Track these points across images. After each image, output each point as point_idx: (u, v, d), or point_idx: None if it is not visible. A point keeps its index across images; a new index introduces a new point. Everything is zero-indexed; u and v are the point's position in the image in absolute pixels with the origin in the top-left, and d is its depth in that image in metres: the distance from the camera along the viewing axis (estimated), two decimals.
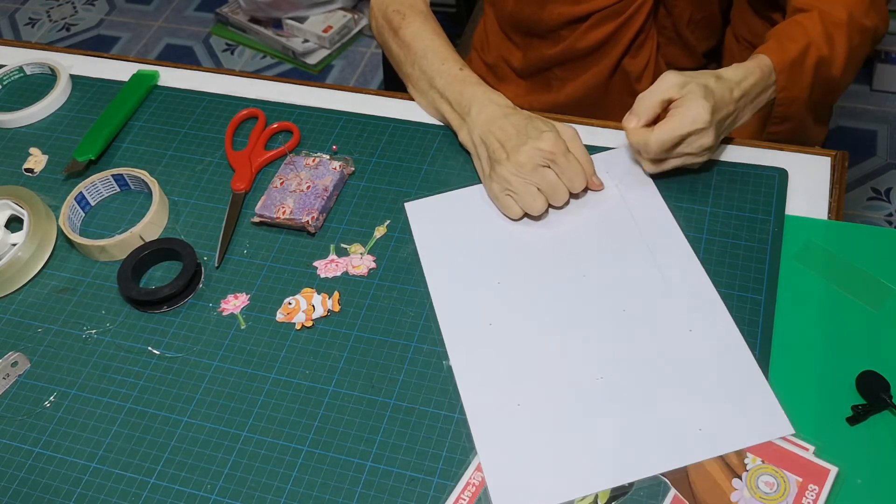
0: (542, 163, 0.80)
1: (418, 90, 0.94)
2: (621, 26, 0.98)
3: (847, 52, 0.86)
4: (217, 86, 1.03)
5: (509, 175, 0.81)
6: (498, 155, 0.82)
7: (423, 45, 0.92)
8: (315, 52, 2.26)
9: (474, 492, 0.67)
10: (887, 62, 1.95)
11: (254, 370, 0.76)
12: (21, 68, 1.08)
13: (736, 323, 0.74)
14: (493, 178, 0.83)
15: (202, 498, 0.69)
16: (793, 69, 0.84)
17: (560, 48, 1.02)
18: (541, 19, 1.00)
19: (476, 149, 0.86)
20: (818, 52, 0.84)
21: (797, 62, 0.84)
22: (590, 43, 1.00)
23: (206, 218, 0.89)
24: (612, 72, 1.03)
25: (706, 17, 1.02)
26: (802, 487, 0.64)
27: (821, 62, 0.85)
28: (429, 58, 0.91)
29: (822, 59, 0.85)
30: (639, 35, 1.00)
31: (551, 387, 0.72)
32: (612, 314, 0.76)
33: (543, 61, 1.05)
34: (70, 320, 0.82)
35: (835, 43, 0.85)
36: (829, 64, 0.86)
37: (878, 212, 1.77)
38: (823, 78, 0.87)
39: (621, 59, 1.02)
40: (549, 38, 1.03)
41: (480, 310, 0.77)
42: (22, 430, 0.75)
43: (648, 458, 0.67)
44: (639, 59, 1.02)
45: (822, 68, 0.86)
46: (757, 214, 0.81)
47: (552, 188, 0.81)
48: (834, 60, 0.86)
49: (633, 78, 1.04)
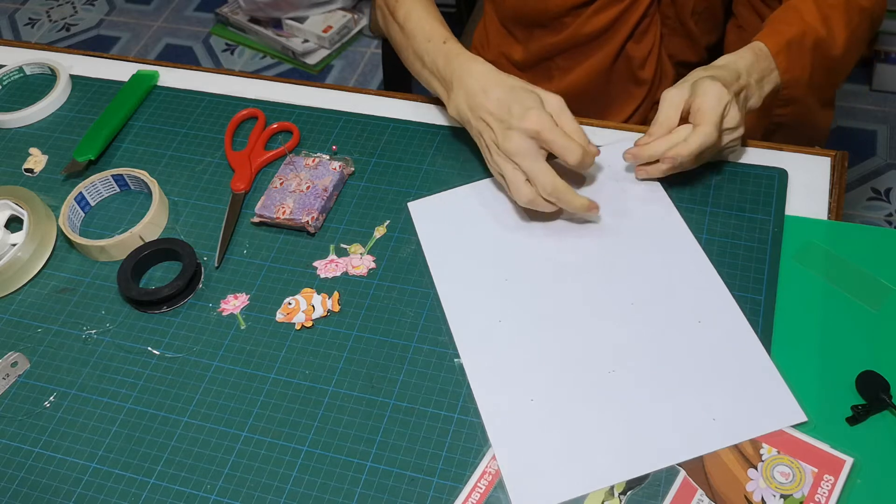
0: (533, 147, 0.78)
1: (415, 72, 0.94)
2: (625, 10, 0.99)
3: (847, 32, 0.87)
4: (217, 86, 1.03)
5: (502, 162, 0.80)
6: (487, 138, 0.81)
7: (412, 26, 0.92)
8: (315, 52, 2.26)
9: (486, 486, 0.67)
10: (887, 62, 1.95)
11: (253, 370, 0.76)
12: (21, 68, 1.08)
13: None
14: (490, 163, 0.83)
15: (202, 498, 0.69)
16: (790, 50, 0.84)
17: (564, 35, 1.02)
18: (546, 8, 1.00)
19: (465, 125, 0.86)
20: (815, 33, 0.85)
21: (794, 43, 0.84)
22: (594, 28, 1.00)
23: (205, 218, 0.89)
24: (615, 58, 1.03)
25: (709, 8, 1.02)
26: (818, 478, 0.64)
27: (819, 43, 0.86)
28: (417, 38, 0.91)
29: (819, 39, 0.85)
30: (642, 20, 1.00)
31: (563, 381, 0.72)
32: (621, 307, 0.76)
33: (546, 51, 1.05)
34: (70, 320, 0.82)
35: (832, 23, 0.86)
36: (829, 45, 0.86)
37: (877, 212, 1.77)
38: (824, 58, 0.87)
39: (625, 44, 1.02)
40: (551, 26, 1.03)
41: (489, 307, 0.78)
42: (22, 430, 0.75)
43: (663, 449, 0.67)
44: (642, 44, 1.03)
45: (822, 49, 0.86)
46: (757, 214, 0.81)
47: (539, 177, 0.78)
48: (833, 41, 0.86)
49: (637, 64, 1.04)
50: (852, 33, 0.87)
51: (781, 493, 0.64)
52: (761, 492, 0.64)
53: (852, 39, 0.88)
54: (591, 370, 0.72)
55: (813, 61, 0.86)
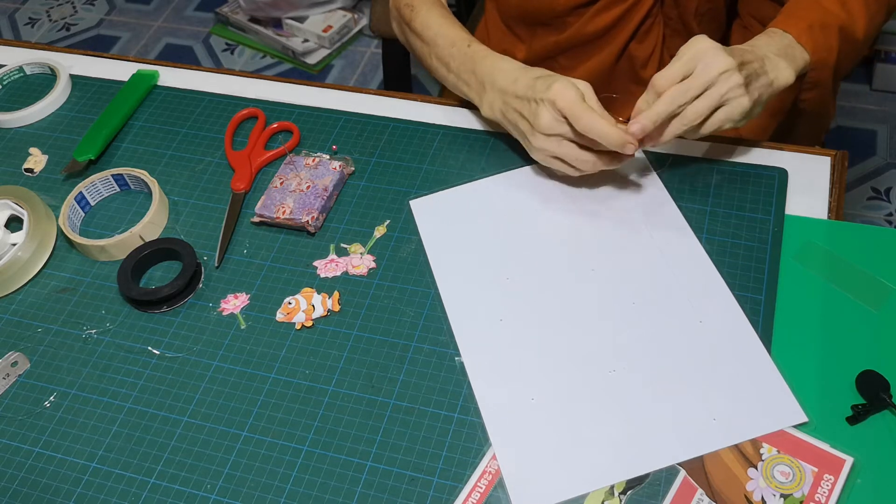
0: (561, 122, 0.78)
1: (440, 77, 0.95)
2: (628, 10, 0.99)
3: (867, 17, 0.87)
4: (217, 86, 1.03)
5: (544, 143, 0.81)
6: (523, 127, 0.82)
7: (433, 33, 0.93)
8: (315, 51, 2.26)
9: (486, 486, 0.67)
10: (887, 62, 1.95)
11: (254, 370, 0.76)
12: (21, 68, 1.08)
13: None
14: (532, 151, 0.83)
15: (202, 498, 0.69)
16: (813, 32, 0.84)
17: (566, 35, 1.02)
18: (550, 7, 1.01)
19: (503, 124, 0.87)
20: (837, 18, 0.85)
21: (817, 26, 0.84)
22: (597, 27, 1.00)
23: (205, 218, 0.89)
24: (618, 57, 1.03)
25: (712, 9, 1.02)
26: (818, 477, 0.64)
27: (843, 26, 0.86)
28: (440, 44, 0.92)
29: (843, 23, 0.85)
30: (645, 20, 1.01)
31: (564, 381, 0.72)
32: (622, 307, 0.76)
33: (548, 50, 1.06)
34: (70, 320, 0.82)
35: (851, 8, 0.86)
36: (851, 28, 0.86)
37: (877, 211, 1.77)
38: (847, 42, 0.87)
39: (627, 43, 1.02)
40: (555, 25, 1.03)
41: (490, 306, 0.78)
42: (22, 430, 0.75)
43: (664, 448, 0.67)
44: (645, 44, 1.03)
45: (845, 32, 0.86)
46: (757, 214, 0.81)
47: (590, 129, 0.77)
48: (854, 24, 0.86)
49: (639, 64, 1.04)
50: (872, 19, 0.87)
51: (781, 493, 0.64)
52: (761, 491, 0.64)
53: (871, 25, 0.88)
54: (592, 370, 0.72)
55: (840, 45, 0.86)
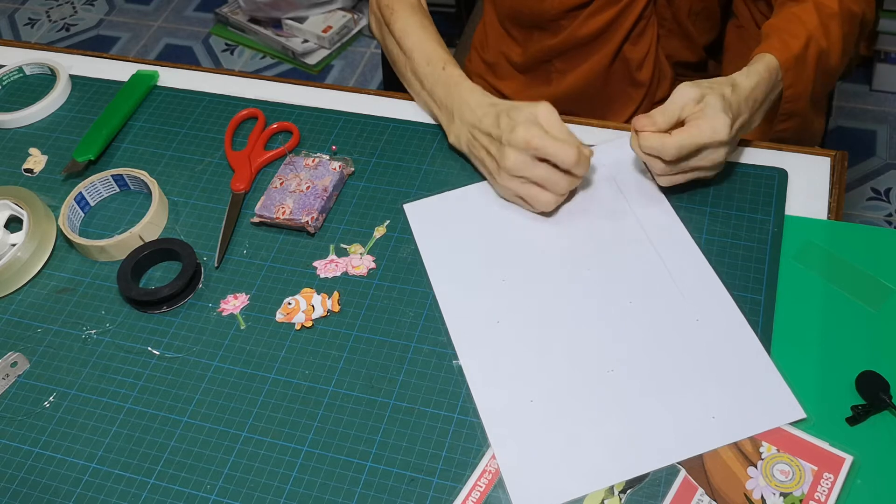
0: (528, 159, 0.79)
1: (414, 91, 0.95)
2: (621, 12, 0.99)
3: (842, 40, 0.87)
4: (216, 86, 1.03)
5: (509, 182, 0.82)
6: (490, 166, 0.84)
7: (410, 44, 0.93)
8: (314, 52, 2.26)
9: (486, 486, 0.67)
10: (887, 62, 1.95)
11: (253, 370, 0.76)
12: (21, 68, 1.08)
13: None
14: (497, 188, 0.85)
15: (202, 498, 0.69)
16: (797, 65, 0.84)
17: (560, 38, 1.03)
18: (542, 10, 1.01)
19: (469, 157, 0.88)
20: (818, 45, 0.85)
21: (800, 58, 0.84)
22: (590, 30, 1.00)
23: (205, 218, 0.89)
24: (613, 60, 1.03)
25: (706, 9, 1.02)
26: (817, 476, 0.65)
27: (821, 54, 0.85)
28: (415, 58, 0.92)
29: (822, 51, 0.85)
30: (639, 21, 1.01)
31: (562, 382, 0.72)
32: (618, 307, 0.76)
33: (544, 53, 1.06)
34: (70, 320, 0.82)
35: (831, 33, 0.86)
36: (828, 54, 0.86)
37: (877, 212, 1.77)
38: (824, 69, 0.87)
39: (621, 46, 1.02)
40: (549, 28, 1.03)
41: (487, 308, 0.78)
42: (21, 430, 0.75)
43: (663, 448, 0.67)
44: (639, 46, 1.03)
45: (823, 60, 0.86)
46: (757, 214, 0.81)
47: (548, 180, 0.80)
48: (832, 50, 0.86)
49: (634, 66, 1.04)
50: (846, 40, 0.87)
51: (781, 492, 0.64)
52: (761, 490, 0.65)
53: (845, 48, 0.88)
54: (590, 370, 0.72)
55: (815, 74, 0.86)
